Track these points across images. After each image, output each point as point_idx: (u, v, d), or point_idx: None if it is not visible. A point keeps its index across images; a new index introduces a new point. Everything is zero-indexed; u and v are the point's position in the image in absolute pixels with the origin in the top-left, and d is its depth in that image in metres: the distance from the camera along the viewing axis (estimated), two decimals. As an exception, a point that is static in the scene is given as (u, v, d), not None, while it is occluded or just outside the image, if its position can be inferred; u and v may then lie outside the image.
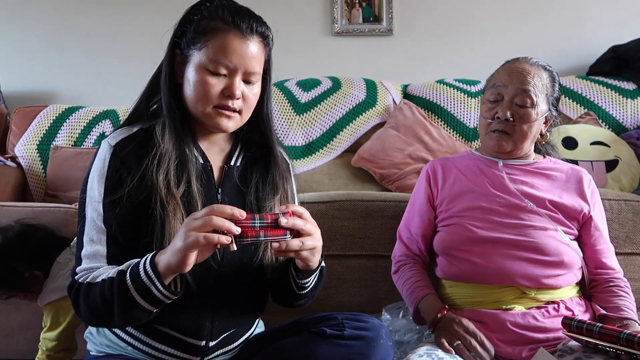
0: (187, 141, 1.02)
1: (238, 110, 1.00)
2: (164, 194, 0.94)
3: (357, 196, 1.59)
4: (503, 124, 1.23)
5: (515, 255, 1.16)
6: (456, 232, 1.24)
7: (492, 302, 1.17)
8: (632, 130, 2.23)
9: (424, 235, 1.33)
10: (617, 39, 2.50)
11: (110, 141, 0.99)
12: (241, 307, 1.05)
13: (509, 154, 1.28)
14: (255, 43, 0.99)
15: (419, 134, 2.23)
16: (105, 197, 0.94)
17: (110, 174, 0.96)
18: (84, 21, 2.76)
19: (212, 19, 0.98)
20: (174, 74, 1.02)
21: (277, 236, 0.84)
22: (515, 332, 1.11)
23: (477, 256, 1.19)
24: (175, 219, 0.94)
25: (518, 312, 1.13)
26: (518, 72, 1.23)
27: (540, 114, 1.24)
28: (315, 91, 2.38)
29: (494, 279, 1.17)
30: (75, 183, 2.24)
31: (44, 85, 2.78)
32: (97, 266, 0.93)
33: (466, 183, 1.29)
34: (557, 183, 1.27)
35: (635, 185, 2.02)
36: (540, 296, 1.16)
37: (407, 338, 1.36)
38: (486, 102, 1.27)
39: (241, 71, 0.98)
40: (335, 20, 2.73)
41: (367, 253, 1.55)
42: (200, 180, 1.00)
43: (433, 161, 1.40)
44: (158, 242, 0.93)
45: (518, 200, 1.22)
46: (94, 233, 0.94)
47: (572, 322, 1.04)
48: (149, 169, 0.95)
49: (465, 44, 2.72)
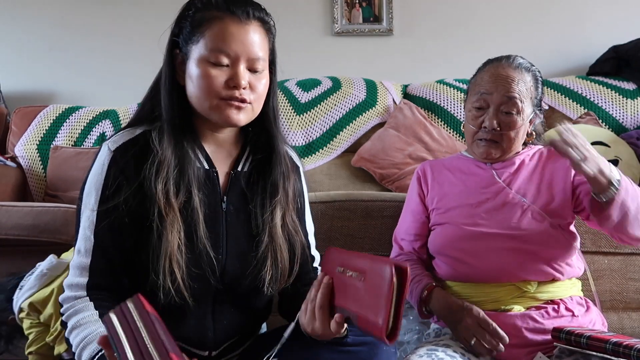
0: (190, 146, 0.96)
1: (249, 102, 0.94)
2: (163, 204, 0.89)
3: (357, 196, 1.59)
4: (490, 133, 1.23)
5: (508, 249, 1.16)
6: (447, 231, 1.24)
7: (492, 301, 1.17)
8: (632, 130, 2.23)
9: (417, 234, 1.33)
10: (617, 39, 2.50)
11: (110, 145, 0.94)
12: (244, 317, 1.03)
13: (498, 158, 1.28)
14: (255, 28, 0.94)
15: (419, 134, 2.23)
16: (100, 205, 0.91)
17: (108, 181, 0.92)
18: (84, 21, 2.76)
19: (206, 9, 0.93)
20: (175, 76, 0.98)
21: None
22: (514, 335, 1.10)
23: (470, 254, 1.19)
24: (173, 231, 0.89)
25: (517, 314, 1.13)
26: (502, 79, 1.22)
27: (526, 118, 1.24)
28: (315, 91, 2.38)
29: (489, 276, 1.17)
30: (75, 183, 2.24)
31: (44, 85, 2.78)
32: (78, 285, 0.90)
33: (455, 182, 1.30)
34: (540, 165, 1.27)
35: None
36: (540, 294, 1.15)
37: (407, 338, 1.36)
38: (472, 109, 1.27)
39: (244, 58, 0.93)
40: (335, 20, 2.73)
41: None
42: (203, 189, 0.95)
43: (423, 163, 1.41)
44: (154, 257, 0.89)
45: (507, 195, 1.22)
46: (82, 243, 0.91)
47: (560, 334, 1.05)
48: (147, 178, 0.90)
49: (465, 44, 2.72)
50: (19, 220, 1.65)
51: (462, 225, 1.22)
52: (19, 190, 2.31)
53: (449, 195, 1.28)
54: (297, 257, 1.03)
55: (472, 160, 1.33)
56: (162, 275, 0.88)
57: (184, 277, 0.90)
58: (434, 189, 1.32)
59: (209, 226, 0.94)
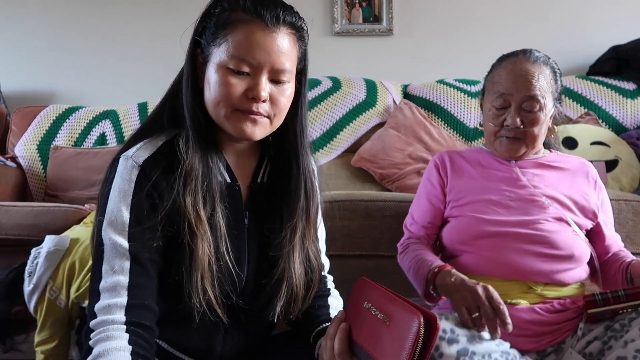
0: (213, 155, 0.89)
1: (266, 116, 0.86)
2: (194, 218, 0.82)
3: (358, 196, 1.59)
4: (513, 131, 1.21)
5: (525, 250, 1.14)
6: (465, 225, 1.22)
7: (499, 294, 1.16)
8: (632, 130, 2.23)
9: (431, 222, 1.29)
10: (617, 39, 2.50)
11: (135, 159, 0.84)
12: (252, 333, 0.98)
13: (521, 156, 1.26)
14: (283, 36, 0.85)
15: (419, 134, 2.23)
16: (132, 226, 0.82)
17: (141, 199, 0.83)
18: (84, 21, 2.76)
19: (232, 10, 0.84)
20: (197, 78, 0.89)
21: None
22: (519, 327, 1.09)
23: (486, 250, 1.17)
24: (204, 247, 0.83)
25: (523, 307, 1.13)
26: (522, 76, 1.19)
27: (548, 113, 1.22)
28: (315, 91, 2.38)
29: (501, 272, 1.16)
30: (75, 183, 2.24)
31: (44, 85, 2.78)
32: (115, 306, 0.78)
33: (475, 176, 1.27)
34: (566, 176, 1.26)
35: (635, 185, 2.02)
36: (547, 292, 1.15)
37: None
38: (492, 108, 1.24)
39: (267, 69, 0.84)
40: (335, 20, 2.73)
41: (367, 253, 1.55)
42: (226, 201, 0.89)
43: (441, 153, 1.36)
44: (187, 276, 0.82)
45: (529, 194, 1.21)
46: (115, 261, 0.80)
47: (595, 297, 1.05)
48: (176, 190, 0.83)
49: (465, 44, 2.72)
50: (19, 220, 1.65)
51: (482, 221, 1.19)
52: (19, 190, 2.31)
53: (467, 189, 1.25)
54: (314, 285, 0.98)
55: (494, 156, 1.30)
56: (194, 293, 0.82)
57: (216, 294, 0.85)
58: (453, 180, 1.29)
59: (233, 241, 0.89)
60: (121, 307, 0.79)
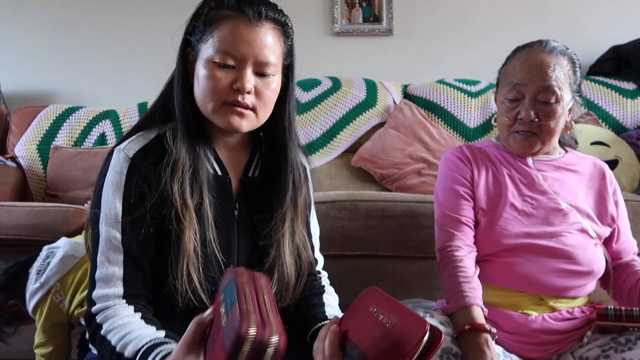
0: (203, 148, 0.94)
1: (252, 108, 0.91)
2: (180, 205, 0.87)
3: (358, 196, 1.59)
4: (527, 125, 1.14)
5: (545, 265, 1.10)
6: (486, 233, 1.15)
7: (509, 304, 1.13)
8: (632, 130, 2.23)
9: (472, 219, 1.18)
10: (617, 39, 2.50)
11: (127, 152, 0.90)
12: None
13: (536, 152, 1.19)
14: (266, 30, 0.90)
15: (419, 134, 2.23)
16: (125, 216, 0.87)
17: (130, 189, 0.87)
18: (84, 21, 2.76)
19: (218, 8, 0.90)
20: (187, 75, 0.94)
21: None
22: (528, 335, 1.09)
23: (506, 261, 1.12)
24: (190, 233, 0.87)
25: (533, 317, 1.10)
26: (537, 66, 1.13)
27: (566, 106, 1.14)
28: (315, 91, 2.38)
29: (516, 285, 1.12)
30: (75, 183, 2.24)
31: (44, 85, 2.78)
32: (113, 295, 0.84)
33: (498, 177, 1.20)
34: (584, 179, 1.21)
35: (635, 185, 2.02)
36: (558, 305, 1.12)
37: None
38: (505, 101, 1.17)
39: (251, 61, 0.89)
40: (335, 20, 2.73)
41: (367, 253, 1.55)
42: (215, 193, 0.93)
43: (460, 146, 1.27)
44: (173, 261, 0.86)
45: (552, 202, 1.15)
46: (110, 253, 0.86)
47: (607, 312, 1.04)
48: (164, 179, 0.87)
49: (465, 44, 2.72)
50: (19, 220, 1.65)
51: (504, 231, 1.13)
52: (19, 190, 2.31)
53: (492, 195, 1.18)
54: (303, 274, 1.00)
55: (510, 153, 1.23)
56: (179, 278, 0.86)
57: (201, 280, 0.88)
58: (478, 178, 1.20)
59: (221, 232, 0.93)
60: (118, 296, 0.85)
